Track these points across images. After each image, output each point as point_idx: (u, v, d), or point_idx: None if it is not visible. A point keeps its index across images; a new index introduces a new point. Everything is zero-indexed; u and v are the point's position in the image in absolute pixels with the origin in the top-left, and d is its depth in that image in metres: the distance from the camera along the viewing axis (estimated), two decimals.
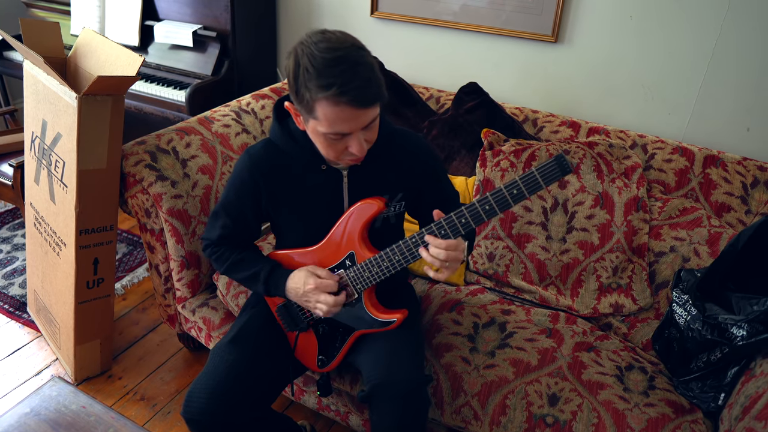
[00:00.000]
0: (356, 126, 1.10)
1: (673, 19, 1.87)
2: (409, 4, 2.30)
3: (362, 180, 1.28)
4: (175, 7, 2.54)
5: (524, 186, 1.03)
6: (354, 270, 1.26)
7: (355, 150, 1.13)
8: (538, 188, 1.03)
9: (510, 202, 1.06)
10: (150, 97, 2.50)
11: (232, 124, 1.92)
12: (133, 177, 1.65)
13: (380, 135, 1.24)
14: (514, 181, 1.04)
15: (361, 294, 1.29)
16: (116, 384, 1.92)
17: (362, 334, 1.34)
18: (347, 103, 1.05)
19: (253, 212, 1.34)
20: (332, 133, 1.10)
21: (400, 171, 1.30)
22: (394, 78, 2.15)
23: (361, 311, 1.31)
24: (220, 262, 1.38)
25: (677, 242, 1.69)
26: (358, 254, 1.25)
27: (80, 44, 1.84)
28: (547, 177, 1.01)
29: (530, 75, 2.19)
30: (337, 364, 1.39)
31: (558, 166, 1.00)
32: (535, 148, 1.82)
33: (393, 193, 1.30)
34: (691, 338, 1.40)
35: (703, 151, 1.81)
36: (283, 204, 1.31)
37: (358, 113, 1.07)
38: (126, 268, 2.46)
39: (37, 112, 1.79)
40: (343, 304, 1.28)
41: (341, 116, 1.07)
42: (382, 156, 1.27)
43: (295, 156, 1.27)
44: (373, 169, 1.27)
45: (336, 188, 1.28)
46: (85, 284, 1.74)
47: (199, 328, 1.79)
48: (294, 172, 1.28)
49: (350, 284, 1.28)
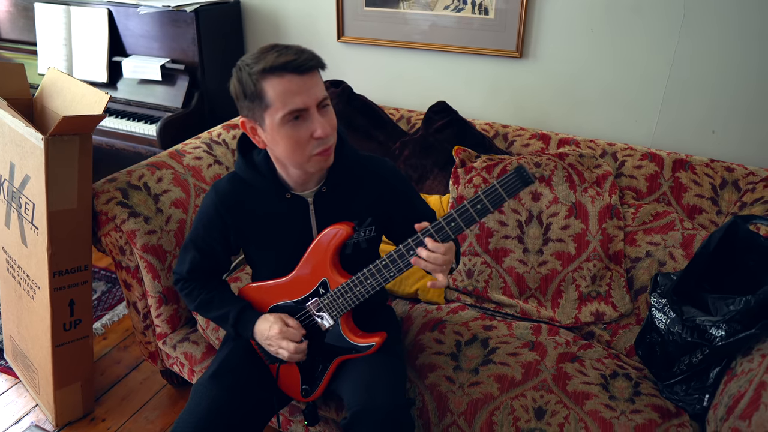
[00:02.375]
0: (308, 98, 1.10)
1: (633, 28, 1.92)
2: (375, 27, 2.33)
3: (328, 206, 1.28)
4: (142, 42, 2.54)
5: (488, 200, 1.04)
6: (328, 297, 1.26)
7: (320, 131, 1.11)
8: (501, 201, 1.04)
9: (475, 217, 1.06)
10: (121, 132, 2.48)
11: (203, 156, 1.92)
12: (105, 215, 1.63)
13: (346, 161, 1.26)
14: (477, 196, 1.05)
15: (337, 320, 1.28)
16: (99, 426, 1.87)
17: (343, 360, 1.33)
18: (290, 71, 1.08)
19: (221, 246, 1.34)
20: (288, 113, 1.10)
21: (366, 196, 1.30)
22: (364, 101, 2.16)
23: (339, 337, 1.30)
24: (190, 299, 1.39)
25: (652, 247, 1.71)
26: (331, 281, 1.25)
27: (46, 84, 1.83)
28: (509, 189, 1.02)
29: (498, 91, 2.22)
30: (321, 392, 1.38)
31: (519, 177, 1.01)
32: (507, 162, 1.84)
33: (361, 218, 1.30)
34: (672, 342, 1.41)
35: (672, 156, 1.85)
36: (252, 237, 1.31)
37: (304, 80, 1.09)
38: (105, 307, 2.42)
39: (4, 154, 1.77)
40: (324, 331, 1.28)
41: (289, 88, 1.09)
42: (348, 182, 1.28)
43: (260, 187, 1.27)
44: (339, 195, 1.28)
45: (303, 217, 1.28)
46: (61, 326, 1.71)
47: (182, 364, 1.76)
48: (260, 204, 1.28)
49: (325, 311, 1.27)
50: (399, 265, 1.17)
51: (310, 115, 1.12)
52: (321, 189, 1.26)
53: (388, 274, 1.18)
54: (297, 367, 1.37)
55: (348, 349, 1.30)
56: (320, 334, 1.32)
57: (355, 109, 2.13)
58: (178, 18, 2.40)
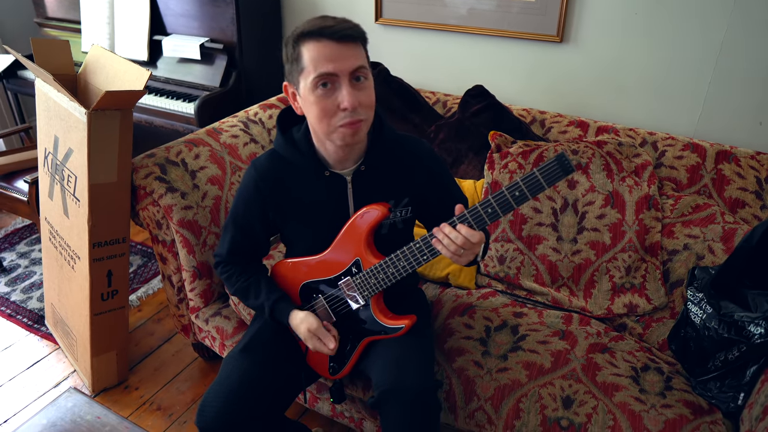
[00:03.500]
0: (340, 66, 1.10)
1: (680, 13, 1.85)
2: (413, 9, 2.31)
3: (366, 185, 1.28)
4: (182, 21, 2.57)
5: (526, 187, 1.03)
6: (360, 277, 1.26)
7: (346, 102, 1.11)
8: (540, 189, 1.02)
9: (512, 204, 1.05)
10: (160, 110, 2.53)
11: (240, 134, 1.94)
12: (144, 189, 1.67)
13: (384, 141, 1.26)
14: (516, 182, 1.03)
15: (368, 301, 1.29)
16: (133, 394, 1.93)
17: (372, 340, 1.34)
18: (327, 37, 1.10)
19: (261, 223, 1.35)
20: (318, 77, 1.11)
21: (404, 176, 1.30)
22: (401, 83, 2.15)
23: (369, 318, 1.31)
24: (229, 284, 1.41)
25: (691, 240, 1.67)
26: (364, 261, 1.25)
27: (89, 61, 1.86)
28: (549, 177, 1.01)
29: (537, 76, 2.18)
30: (348, 370, 1.39)
31: (560, 165, 0.99)
32: (543, 149, 1.81)
33: (398, 198, 1.30)
34: (707, 337, 1.38)
35: (715, 147, 1.79)
36: (290, 213, 1.32)
37: (340, 48, 1.10)
38: (141, 280, 2.49)
39: (49, 128, 1.82)
40: (354, 311, 1.30)
41: (323, 52, 1.10)
42: (386, 161, 1.28)
43: (299, 164, 1.28)
44: (377, 175, 1.28)
45: (341, 195, 1.29)
46: (99, 296, 1.76)
47: (213, 338, 1.80)
48: (299, 181, 1.29)
49: (357, 291, 1.28)
50: (433, 249, 1.16)
51: (341, 84, 1.12)
52: (359, 168, 1.27)
53: (422, 257, 1.18)
54: None
55: (378, 330, 1.31)
56: (351, 313, 1.33)
57: (391, 91, 2.12)
58: None
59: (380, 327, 1.30)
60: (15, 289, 2.43)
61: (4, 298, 2.37)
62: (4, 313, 2.29)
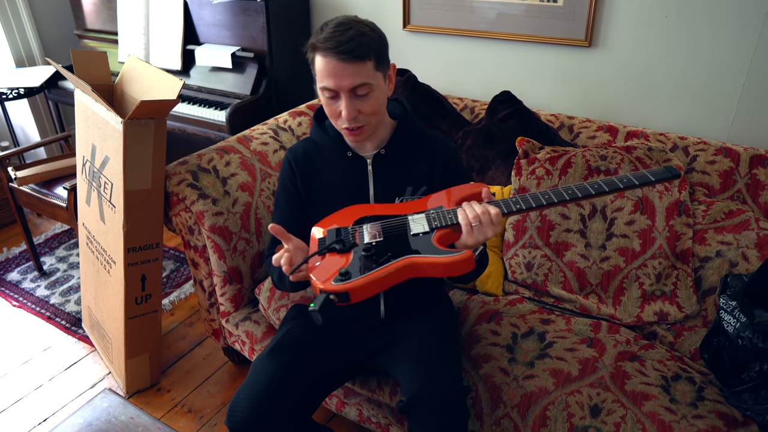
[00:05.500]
0: (339, 82, 1.20)
1: (711, 15, 1.82)
2: (441, 16, 2.32)
3: (385, 168, 1.38)
4: (214, 31, 2.64)
5: (635, 178, 1.16)
6: (439, 210, 1.22)
7: (343, 113, 1.23)
8: (646, 182, 1.16)
9: (619, 185, 1.16)
10: (192, 118, 2.59)
11: (269, 141, 1.98)
12: (177, 196, 1.71)
13: (408, 131, 1.39)
14: (625, 175, 1.16)
15: (435, 230, 1.18)
16: (165, 397, 1.98)
17: (413, 263, 1.13)
18: (328, 53, 1.18)
19: (297, 200, 1.43)
20: (322, 88, 1.24)
21: (423, 166, 1.39)
22: (428, 90, 2.16)
23: (426, 242, 1.16)
24: (273, 273, 1.40)
25: (724, 246, 1.64)
26: (446, 207, 1.23)
27: (125, 71, 1.93)
28: (657, 176, 1.16)
29: (565, 81, 2.17)
30: (359, 290, 1.09)
31: (667, 170, 1.17)
32: (571, 155, 1.80)
33: (416, 186, 1.35)
34: (741, 347, 1.35)
35: (749, 151, 1.75)
36: (315, 190, 1.41)
37: (340, 67, 1.19)
38: (173, 284, 2.55)
39: (87, 137, 1.88)
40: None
41: (326, 68, 1.20)
42: (407, 150, 1.39)
43: (326, 145, 1.41)
44: (396, 160, 1.38)
45: (362, 175, 1.39)
46: (133, 300, 1.81)
47: (243, 342, 1.84)
48: (325, 160, 1.41)
49: (428, 221, 1.20)
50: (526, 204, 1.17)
51: (340, 96, 1.23)
52: (380, 152, 1.38)
53: (514, 204, 1.18)
54: (350, 256, 1.17)
55: (430, 251, 1.14)
56: (404, 236, 1.19)
57: (419, 97, 2.14)
58: (248, 7, 2.47)
59: (434, 250, 1.14)
60: (54, 292, 2.51)
61: (44, 300, 2.45)
62: (44, 316, 2.37)
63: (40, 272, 2.64)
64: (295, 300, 1.70)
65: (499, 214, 1.15)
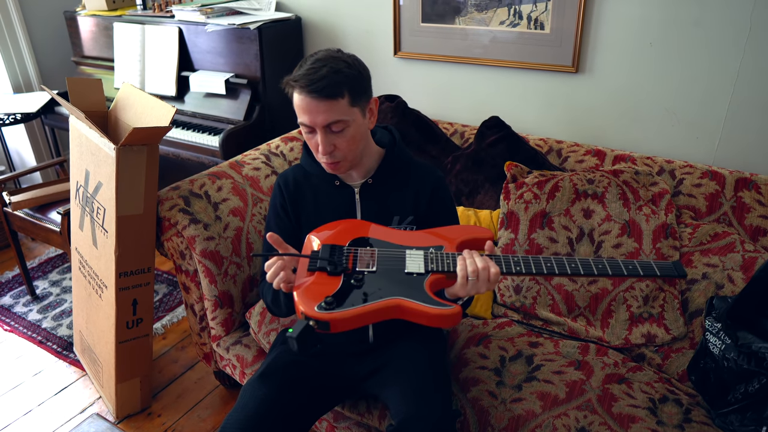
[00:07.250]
0: (313, 119, 1.23)
1: (695, 42, 1.87)
2: (430, 43, 2.37)
3: (372, 198, 1.40)
4: (208, 58, 2.68)
5: (640, 267, 1.18)
6: (438, 252, 1.21)
7: (320, 148, 1.27)
8: (651, 275, 1.18)
9: (640, 272, 1.18)
10: (186, 143, 2.62)
11: (261, 167, 2.00)
12: (168, 221, 1.73)
13: (396, 160, 1.40)
14: (632, 261, 1.19)
15: (430, 273, 1.18)
16: (155, 421, 1.97)
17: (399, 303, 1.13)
18: (302, 91, 1.22)
19: (287, 221, 1.44)
20: (300, 123, 1.28)
21: (409, 195, 1.39)
22: (418, 116, 2.20)
23: (417, 286, 1.15)
24: (266, 297, 1.42)
25: (710, 269, 1.65)
26: (447, 248, 1.24)
27: (120, 98, 1.96)
28: (663, 271, 1.18)
29: (553, 106, 2.21)
30: (341, 322, 1.09)
31: (675, 267, 1.19)
32: (559, 179, 1.82)
33: (402, 215, 1.37)
34: (727, 368, 1.36)
35: (735, 174, 1.78)
36: (304, 214, 1.43)
37: (314, 104, 1.22)
38: (166, 308, 2.55)
39: (81, 162, 1.90)
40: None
41: (301, 105, 1.24)
42: (395, 178, 1.40)
43: (315, 173, 1.43)
44: (384, 190, 1.39)
45: (350, 204, 1.40)
46: (125, 324, 1.81)
47: (234, 366, 1.84)
48: (314, 188, 1.43)
49: (426, 261, 1.19)
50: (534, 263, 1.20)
51: (317, 131, 1.26)
52: (367, 181, 1.39)
53: (517, 267, 1.18)
54: (339, 283, 1.16)
55: (418, 298, 1.12)
56: (398, 273, 1.18)
57: (409, 123, 2.17)
58: (242, 35, 2.51)
59: (424, 296, 1.13)
60: (46, 316, 2.51)
61: (35, 324, 2.45)
62: (35, 340, 2.36)
63: (33, 296, 2.64)
64: (285, 324, 1.71)
65: (498, 274, 1.14)
